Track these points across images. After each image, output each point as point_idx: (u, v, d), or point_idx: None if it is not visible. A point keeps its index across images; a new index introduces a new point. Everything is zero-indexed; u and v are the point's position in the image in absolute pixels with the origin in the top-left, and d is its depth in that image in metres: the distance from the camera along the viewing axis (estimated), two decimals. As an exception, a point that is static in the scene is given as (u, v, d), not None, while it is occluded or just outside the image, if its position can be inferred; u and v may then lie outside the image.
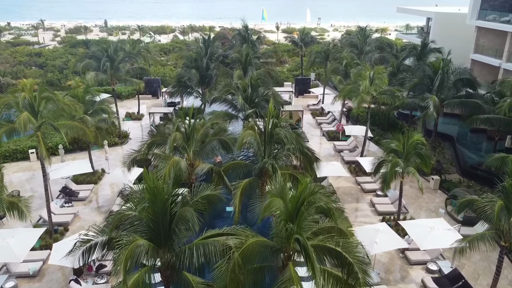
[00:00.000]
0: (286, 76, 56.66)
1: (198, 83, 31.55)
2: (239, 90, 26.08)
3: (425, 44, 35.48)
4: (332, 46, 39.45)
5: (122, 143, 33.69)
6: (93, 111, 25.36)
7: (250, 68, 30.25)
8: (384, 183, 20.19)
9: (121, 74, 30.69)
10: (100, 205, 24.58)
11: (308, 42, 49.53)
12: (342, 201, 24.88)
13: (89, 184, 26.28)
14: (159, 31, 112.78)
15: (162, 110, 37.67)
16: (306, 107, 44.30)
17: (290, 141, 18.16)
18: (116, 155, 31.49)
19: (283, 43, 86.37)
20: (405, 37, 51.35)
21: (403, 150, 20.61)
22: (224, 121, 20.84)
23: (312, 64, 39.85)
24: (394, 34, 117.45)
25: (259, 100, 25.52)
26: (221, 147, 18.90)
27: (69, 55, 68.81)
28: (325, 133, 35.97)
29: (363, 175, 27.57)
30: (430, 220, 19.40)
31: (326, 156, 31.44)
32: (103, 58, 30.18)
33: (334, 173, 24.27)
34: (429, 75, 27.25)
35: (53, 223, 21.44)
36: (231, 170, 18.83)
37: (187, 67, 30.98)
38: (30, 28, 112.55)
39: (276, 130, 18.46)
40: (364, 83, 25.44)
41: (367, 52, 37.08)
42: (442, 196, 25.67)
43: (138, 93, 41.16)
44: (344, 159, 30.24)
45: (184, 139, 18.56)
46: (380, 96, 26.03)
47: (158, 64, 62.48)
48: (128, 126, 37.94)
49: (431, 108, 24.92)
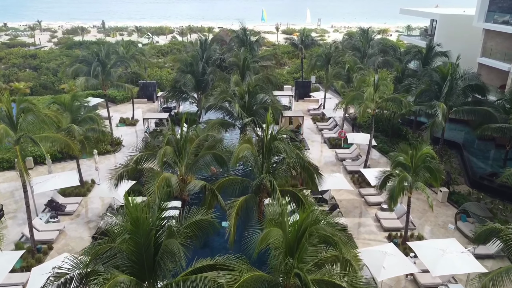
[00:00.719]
0: (285, 79, 55.25)
1: (194, 88, 30.15)
2: (236, 97, 24.66)
3: (431, 48, 34.04)
4: (334, 49, 37.98)
5: (114, 151, 32.25)
6: (82, 119, 23.93)
7: (248, 73, 28.82)
8: (391, 199, 18.76)
9: (112, 79, 29.25)
10: (88, 219, 23.13)
11: (308, 45, 48.12)
12: (345, 215, 23.50)
13: (78, 197, 24.85)
14: (158, 32, 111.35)
15: (157, 115, 36.24)
16: (306, 111, 42.90)
17: (290, 155, 16.74)
18: (108, 164, 30.00)
19: (283, 45, 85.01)
20: (408, 39, 49.93)
21: (411, 163, 19.19)
22: (219, 132, 19.32)
23: (313, 68, 38.44)
24: (395, 35, 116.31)
25: (257, 107, 24.10)
26: (215, 162, 17.46)
27: (64, 57, 67.41)
28: (326, 140, 34.53)
29: (367, 186, 26.10)
30: (442, 241, 17.96)
31: (327, 165, 30.03)
32: (94, 63, 28.75)
33: (336, 186, 22.85)
34: (436, 81, 25.82)
35: (36, 241, 20.01)
36: (226, 187, 17.40)
37: (182, 72, 29.55)
38: (27, 29, 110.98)
39: (275, 143, 17.03)
40: (368, 90, 24.02)
41: (370, 55, 35.64)
42: (451, 210, 24.25)
43: (132, 98, 39.74)
44: (347, 169, 28.80)
45: (175, 153, 17.13)
46: (385, 103, 24.60)
47: (155, 66, 61.18)
48: (122, 132, 36.51)
49: (439, 117, 23.49)
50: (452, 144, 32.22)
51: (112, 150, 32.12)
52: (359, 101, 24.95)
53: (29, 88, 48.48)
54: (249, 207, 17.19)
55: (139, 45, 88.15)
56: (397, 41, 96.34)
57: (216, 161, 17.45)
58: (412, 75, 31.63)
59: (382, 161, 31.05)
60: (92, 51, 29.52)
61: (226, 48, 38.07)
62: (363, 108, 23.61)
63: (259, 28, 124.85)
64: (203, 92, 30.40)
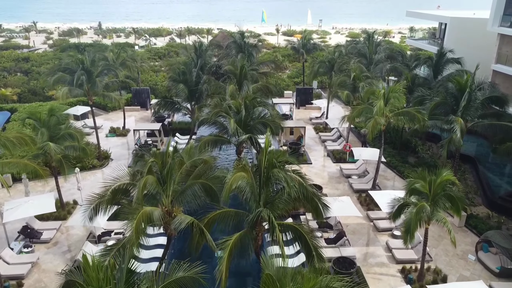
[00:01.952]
0: (286, 84, 52.90)
1: (187, 98, 27.78)
2: (232, 110, 22.30)
3: (442, 54, 31.64)
4: (338, 55, 35.59)
5: (102, 165, 29.90)
6: (60, 136, 21.58)
7: (246, 83, 26.46)
8: (407, 233, 16.38)
9: (97, 89, 26.88)
10: (67, 248, 20.78)
11: (310, 49, 45.72)
12: (352, 242, 21.14)
13: (56, 221, 22.50)
14: (155, 33, 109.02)
15: (149, 126, 33.84)
16: (308, 120, 40.56)
17: (291, 185, 14.39)
18: (94, 181, 27.69)
19: (283, 47, 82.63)
20: (415, 43, 47.53)
21: (430, 191, 16.84)
22: (212, 150, 16.96)
23: (315, 75, 36.04)
24: (398, 37, 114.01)
25: (255, 123, 21.74)
26: (204, 193, 15.09)
27: (57, 60, 65.06)
28: (329, 152, 32.15)
29: (376, 208, 23.71)
30: (466, 284, 15.59)
31: (331, 182, 27.67)
32: (78, 71, 26.38)
33: (343, 212, 20.47)
34: (453, 93, 23.44)
35: (4, 277, 17.69)
36: (218, 221, 15.05)
37: (174, 81, 27.18)
38: (22, 30, 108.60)
39: (274, 172, 14.68)
40: (378, 103, 21.66)
41: (376, 62, 33.26)
42: (470, 237, 21.88)
43: (123, 105, 37.33)
44: (353, 187, 26.42)
45: (159, 183, 14.78)
46: (397, 118, 22.23)
47: (151, 71, 58.78)
48: (111, 144, 34.20)
49: (458, 134, 21.11)
50: (465, 158, 29.79)
51: (99, 165, 29.77)
52: (367, 115, 22.57)
53: (17, 94, 46.16)
54: (245, 244, 14.86)
55: (135, 47, 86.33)
56: (400, 43, 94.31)
57: (205, 192, 15.07)
58: (422, 84, 29.24)
59: (390, 177, 28.72)
60: (76, 58, 27.10)
61: (223, 53, 35.75)
62: (372, 124, 21.23)
63: (259, 29, 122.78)
64: (197, 103, 28.03)
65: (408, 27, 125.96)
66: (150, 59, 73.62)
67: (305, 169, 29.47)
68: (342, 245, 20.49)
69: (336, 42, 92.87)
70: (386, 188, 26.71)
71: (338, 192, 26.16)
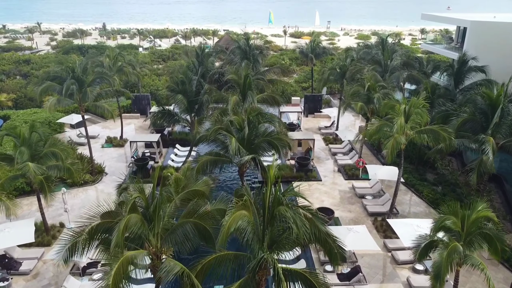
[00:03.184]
0: (294, 89, 50.49)
1: (186, 110, 25.51)
2: (233, 126, 19.97)
3: (464, 61, 29.06)
4: (350, 62, 33.11)
5: (95, 181, 27.71)
6: (43, 154, 19.40)
7: (250, 93, 24.11)
8: (437, 279, 13.93)
9: (88, 100, 24.69)
10: (47, 282, 18.55)
11: (319, 53, 43.27)
12: (368, 278, 18.69)
13: (39, 248, 20.32)
14: (160, 35, 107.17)
15: (146, 137, 31.59)
16: (317, 130, 38.13)
17: (301, 226, 12.04)
18: (85, 199, 25.57)
19: (291, 50, 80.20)
20: (431, 48, 44.81)
21: (463, 229, 14.38)
22: (207, 185, 14.63)
23: (325, 82, 33.57)
24: (409, 39, 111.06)
25: (259, 141, 19.38)
26: (197, 235, 12.76)
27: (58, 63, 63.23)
28: (341, 168, 29.68)
29: (394, 235, 21.20)
30: None
31: (343, 202, 25.21)
32: (68, 81, 24.21)
33: (359, 246, 18.03)
34: (482, 108, 20.91)
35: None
36: (214, 266, 12.75)
37: (172, 91, 24.93)
38: (26, 31, 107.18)
39: (280, 210, 12.33)
40: (398, 120, 19.20)
41: (392, 69, 30.73)
42: (502, 272, 19.34)
43: (120, 114, 35.26)
44: (368, 210, 23.94)
45: (144, 222, 12.48)
46: (419, 136, 19.74)
47: (153, 74, 56.65)
48: (107, 156, 32.09)
49: (490, 156, 18.59)
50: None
51: (92, 180, 27.58)
52: (386, 131, 20.10)
53: (13, 100, 44.20)
54: (246, 294, 12.52)
55: (139, 49, 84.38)
56: (411, 45, 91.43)
57: (199, 233, 12.75)
58: (444, 95, 26.68)
59: (407, 197, 26.21)
60: (67, 66, 24.94)
61: (226, 59, 33.48)
62: (392, 143, 18.77)
63: (266, 31, 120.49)
64: (197, 115, 25.75)
65: (419, 29, 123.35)
66: (154, 62, 71.71)
67: (315, 187, 27.18)
68: (358, 283, 18.07)
69: (345, 44, 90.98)
70: (404, 211, 24.25)
71: (351, 216, 23.72)
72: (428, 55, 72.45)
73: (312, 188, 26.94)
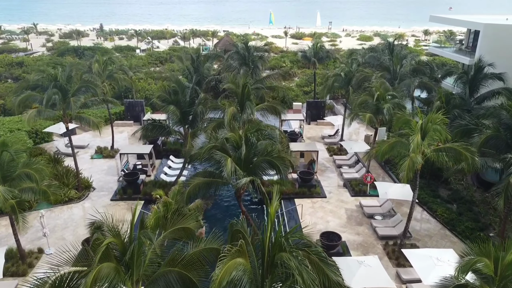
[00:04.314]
0: (295, 94, 48.39)
1: (179, 121, 23.41)
2: (229, 142, 17.86)
3: (480, 68, 26.93)
4: (356, 67, 30.97)
5: (81, 198, 25.58)
6: (16, 175, 17.30)
7: (249, 104, 21.99)
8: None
9: (70, 111, 22.56)
10: (19, 321, 16.49)
11: (322, 57, 41.14)
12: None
13: (13, 279, 18.22)
14: (159, 36, 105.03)
15: (138, 148, 29.42)
16: (320, 138, 36.03)
17: (307, 279, 9.92)
18: (68, 219, 23.45)
19: (292, 52, 78.07)
20: (440, 52, 42.60)
21: (496, 272, 12.26)
22: (197, 224, 12.52)
23: (329, 89, 31.42)
24: (412, 40, 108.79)
25: (258, 161, 17.26)
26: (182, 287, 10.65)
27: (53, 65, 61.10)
28: (346, 182, 27.54)
29: (407, 263, 19.01)
30: None
31: (350, 223, 23.06)
32: (49, 90, 22.10)
33: (372, 282, 15.85)
34: (507, 123, 18.78)
35: None
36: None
37: (164, 101, 22.83)
38: (22, 32, 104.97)
39: (283, 257, 10.23)
40: (415, 138, 17.07)
41: (402, 76, 28.57)
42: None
43: (111, 123, 33.11)
44: (378, 233, 21.79)
45: (121, 270, 10.38)
46: (437, 155, 17.61)
47: (149, 77, 54.57)
48: (97, 168, 30.02)
49: (519, 180, 16.48)
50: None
51: (77, 197, 25.46)
52: (400, 150, 17.97)
53: (1, 106, 42.05)
54: None
55: (137, 51, 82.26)
56: (415, 47, 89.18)
57: (184, 286, 10.62)
58: (459, 106, 24.54)
59: (419, 216, 24.07)
60: (48, 74, 22.83)
61: (224, 65, 31.35)
62: (408, 164, 16.64)
63: (266, 31, 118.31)
64: (191, 127, 23.64)
65: (422, 30, 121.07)
66: (151, 64, 69.60)
67: (319, 205, 25.08)
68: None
69: (347, 46, 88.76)
70: (418, 234, 22.10)
71: (360, 239, 21.59)
72: (432, 57, 70.50)
73: (316, 206, 24.84)
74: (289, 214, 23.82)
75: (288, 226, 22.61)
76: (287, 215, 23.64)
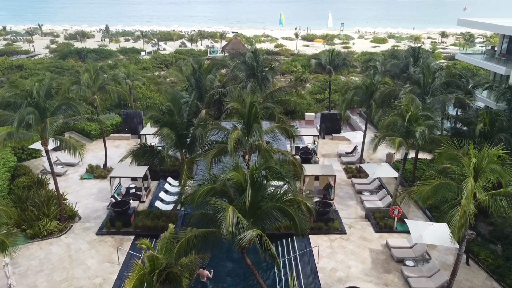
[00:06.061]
0: (307, 103, 44.73)
1: (175, 145, 19.93)
2: (229, 183, 14.28)
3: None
4: (379, 80, 27.17)
5: (62, 230, 22.19)
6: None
7: (256, 127, 18.41)
8: None
9: (47, 133, 19.14)
10: None
11: (338, 65, 37.39)
12: None
13: None
14: (166, 37, 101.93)
15: (130, 171, 25.72)
16: (336, 156, 32.35)
17: None
18: (45, 259, 20.03)
19: (304, 55, 74.34)
20: (468, 58, 38.54)
21: None
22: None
23: (348, 104, 27.65)
24: (428, 42, 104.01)
25: (267, 207, 13.66)
26: None
27: (48, 71, 58.18)
28: (369, 213, 23.80)
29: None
30: None
31: (377, 270, 19.28)
32: (22, 109, 18.76)
33: None
34: None
35: None
36: None
37: (156, 122, 19.36)
38: (25, 33, 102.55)
39: None
40: (468, 182, 13.34)
41: (434, 91, 24.72)
42: None
43: (104, 137, 29.68)
44: (411, 285, 18.00)
45: None
46: (494, 201, 13.86)
47: (151, 83, 51.31)
48: (86, 191, 26.75)
49: None
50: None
51: (58, 230, 22.07)
52: (446, 193, 14.22)
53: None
54: None
55: (142, 53, 79.13)
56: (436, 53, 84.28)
57: None
58: (506, 129, 20.66)
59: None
60: (22, 90, 19.49)
61: (229, 77, 27.81)
62: (460, 216, 12.92)
63: (277, 33, 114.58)
64: (189, 152, 20.12)
65: (439, 32, 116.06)
66: (156, 68, 66.40)
67: (338, 243, 21.40)
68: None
69: (360, 48, 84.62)
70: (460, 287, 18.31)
71: (389, 294, 17.90)
72: (453, 61, 66.10)
73: (335, 245, 21.13)
74: (303, 256, 20.14)
75: (302, 273, 18.98)
76: (301, 258, 19.97)
